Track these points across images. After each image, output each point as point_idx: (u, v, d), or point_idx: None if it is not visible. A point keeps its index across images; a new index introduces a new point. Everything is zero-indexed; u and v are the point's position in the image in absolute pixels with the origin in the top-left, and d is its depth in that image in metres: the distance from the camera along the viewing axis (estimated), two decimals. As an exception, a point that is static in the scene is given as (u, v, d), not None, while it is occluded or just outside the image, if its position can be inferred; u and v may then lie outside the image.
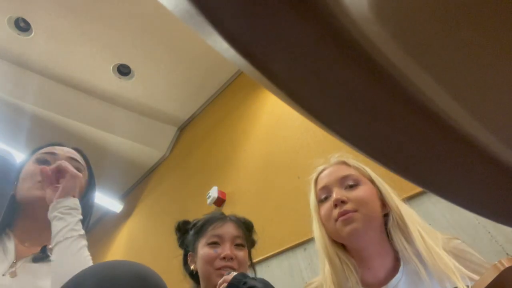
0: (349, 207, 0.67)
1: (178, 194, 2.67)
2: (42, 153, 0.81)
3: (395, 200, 0.71)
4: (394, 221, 0.68)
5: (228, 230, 0.84)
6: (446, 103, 0.13)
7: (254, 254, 0.94)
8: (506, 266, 0.37)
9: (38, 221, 0.74)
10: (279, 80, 0.12)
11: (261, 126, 2.13)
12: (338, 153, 0.80)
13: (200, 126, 2.87)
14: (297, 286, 1.39)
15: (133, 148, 3.01)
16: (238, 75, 2.64)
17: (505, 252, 0.93)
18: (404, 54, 0.11)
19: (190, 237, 0.89)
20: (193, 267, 0.85)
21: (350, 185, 0.71)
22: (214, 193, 2.07)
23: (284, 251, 1.53)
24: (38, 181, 0.75)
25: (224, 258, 0.79)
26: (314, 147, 1.66)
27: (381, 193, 0.71)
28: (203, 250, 0.81)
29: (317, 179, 0.77)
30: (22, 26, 2.23)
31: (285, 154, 1.82)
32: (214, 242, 0.82)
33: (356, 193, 0.69)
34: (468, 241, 0.79)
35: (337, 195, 0.69)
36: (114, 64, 2.51)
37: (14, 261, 0.69)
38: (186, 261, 0.90)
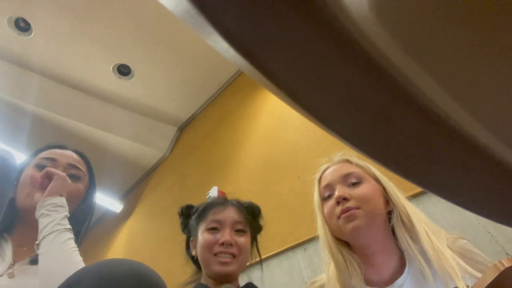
0: (351, 204, 0.67)
1: (178, 194, 2.67)
2: (42, 158, 0.81)
3: (401, 198, 0.71)
4: (398, 218, 0.68)
5: (228, 215, 0.81)
6: (446, 103, 0.13)
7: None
8: (506, 266, 0.37)
9: (36, 228, 0.75)
10: (279, 80, 0.12)
11: (261, 126, 2.13)
12: (341, 151, 0.80)
13: (200, 126, 2.87)
14: (297, 286, 1.39)
15: (133, 148, 3.01)
16: (238, 75, 2.64)
17: (505, 252, 0.93)
18: (404, 54, 0.11)
19: (192, 222, 0.87)
20: (194, 253, 0.83)
21: (353, 182, 0.71)
22: (214, 193, 2.07)
23: (284, 251, 1.53)
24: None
25: (223, 244, 0.76)
26: (314, 147, 1.66)
27: (385, 190, 0.71)
28: (203, 235, 0.80)
29: (320, 178, 0.78)
30: (22, 26, 2.23)
31: (285, 154, 1.82)
32: (214, 228, 0.80)
33: (359, 190, 0.69)
34: (468, 241, 0.79)
35: (339, 192, 0.69)
36: (114, 64, 2.51)
37: (11, 263, 0.70)
38: (188, 245, 0.88)
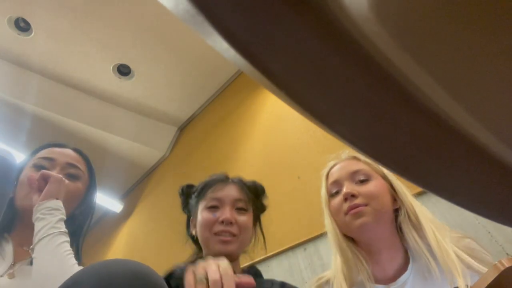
0: (359, 201, 0.68)
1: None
2: (40, 158, 0.81)
3: (408, 195, 0.71)
4: (406, 216, 0.69)
5: (229, 193, 0.78)
6: (446, 103, 0.13)
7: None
8: (506, 266, 0.37)
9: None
10: (279, 80, 0.12)
11: (261, 126, 2.13)
12: (343, 150, 0.81)
13: (200, 126, 2.87)
14: (297, 286, 1.39)
15: (133, 148, 3.01)
16: (238, 75, 2.64)
17: (505, 252, 0.93)
18: (404, 54, 0.11)
19: (192, 201, 0.85)
20: (194, 232, 0.81)
21: (361, 179, 0.71)
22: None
23: (284, 251, 1.53)
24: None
25: (222, 222, 0.73)
26: (314, 147, 1.66)
27: (393, 188, 0.72)
28: (202, 214, 0.76)
29: (328, 174, 0.78)
30: (22, 26, 2.23)
31: (285, 154, 1.82)
32: (214, 206, 0.76)
33: (366, 187, 0.70)
34: (468, 241, 0.79)
35: (347, 189, 0.70)
36: (114, 64, 2.51)
37: (12, 263, 0.70)
38: (189, 225, 0.86)
